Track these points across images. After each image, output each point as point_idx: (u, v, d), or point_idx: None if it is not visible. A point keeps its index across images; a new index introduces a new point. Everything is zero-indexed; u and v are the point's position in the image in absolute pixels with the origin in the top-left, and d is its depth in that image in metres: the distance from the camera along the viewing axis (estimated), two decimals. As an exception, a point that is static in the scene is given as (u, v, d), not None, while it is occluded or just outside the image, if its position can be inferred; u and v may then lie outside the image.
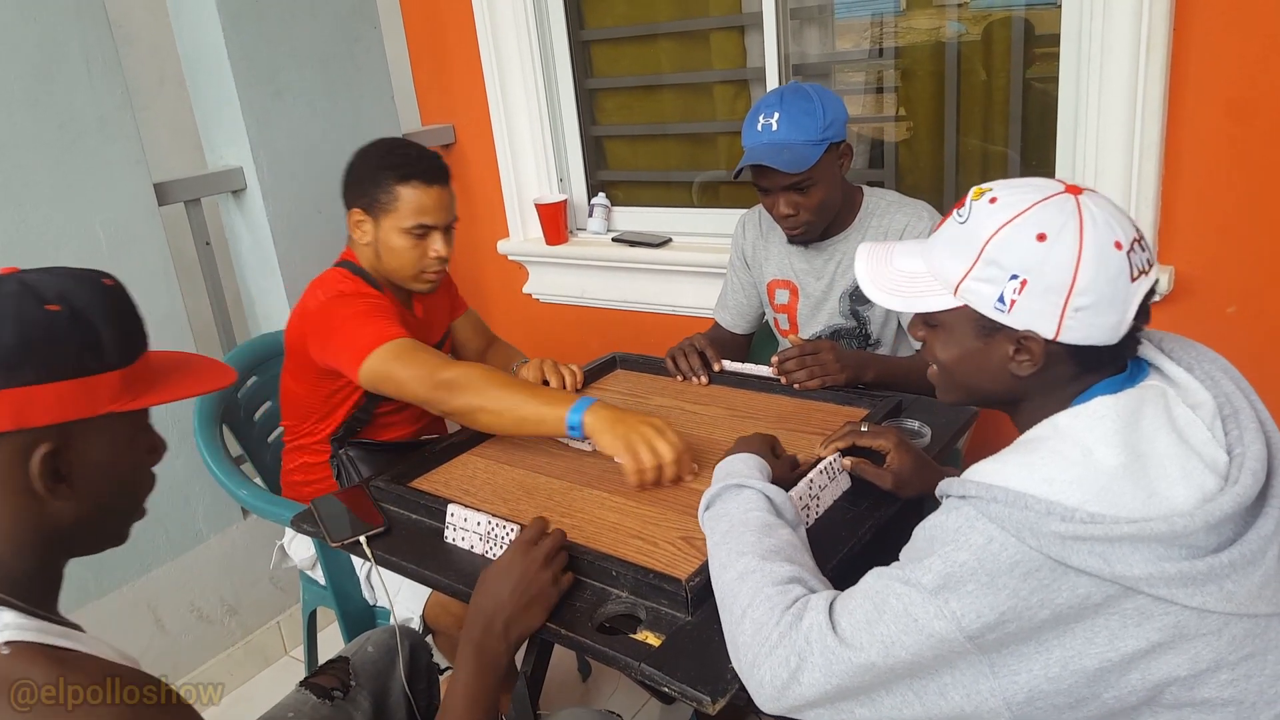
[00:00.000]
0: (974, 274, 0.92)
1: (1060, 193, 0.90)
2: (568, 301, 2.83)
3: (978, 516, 0.85)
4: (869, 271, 1.04)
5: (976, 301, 0.93)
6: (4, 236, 1.85)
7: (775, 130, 1.68)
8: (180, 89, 2.38)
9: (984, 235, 0.91)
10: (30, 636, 0.75)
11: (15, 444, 0.78)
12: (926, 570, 0.86)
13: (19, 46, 1.84)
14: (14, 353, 0.76)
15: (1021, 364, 0.93)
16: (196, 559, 2.26)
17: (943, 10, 2.23)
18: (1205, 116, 1.78)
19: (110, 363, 0.82)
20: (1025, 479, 0.85)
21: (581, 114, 2.73)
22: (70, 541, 0.85)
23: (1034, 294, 0.89)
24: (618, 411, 1.40)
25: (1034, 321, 0.90)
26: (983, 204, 0.93)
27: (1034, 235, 0.88)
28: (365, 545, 1.32)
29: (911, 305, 0.99)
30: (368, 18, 2.52)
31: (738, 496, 1.12)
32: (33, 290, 0.80)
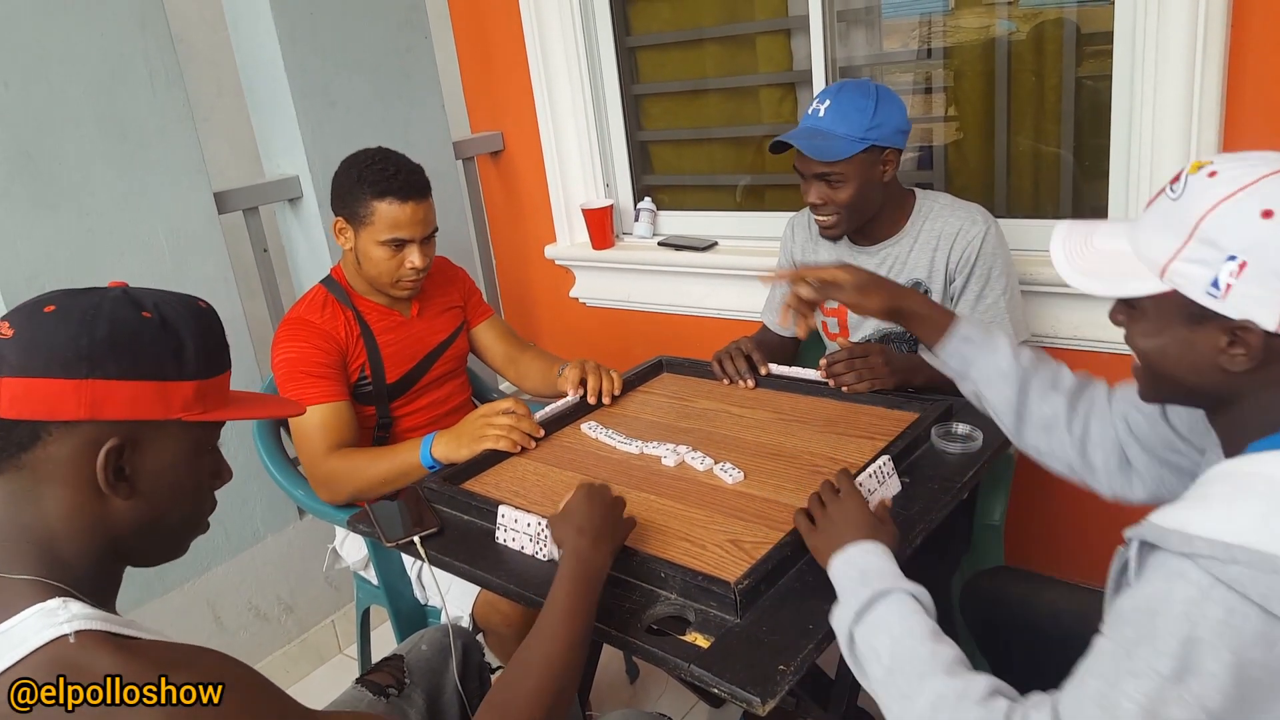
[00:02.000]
0: (1185, 254, 0.82)
1: None
2: (614, 305, 2.85)
3: (1213, 584, 0.75)
4: (1065, 252, 0.94)
5: (1186, 285, 0.83)
6: (71, 245, 1.92)
7: (820, 116, 1.71)
8: (238, 100, 2.44)
9: (1199, 211, 0.81)
10: (97, 625, 0.78)
11: (87, 435, 0.82)
12: (1160, 654, 0.75)
13: (86, 61, 1.91)
14: (101, 347, 0.81)
15: (1235, 358, 0.83)
16: (254, 558, 2.32)
17: (992, 9, 2.20)
18: (1265, 116, 1.74)
19: (188, 373, 0.86)
20: (1264, 533, 0.75)
21: (627, 119, 2.75)
22: (128, 548, 0.88)
23: (1254, 278, 0.79)
24: (453, 429, 1.63)
25: (1252, 310, 0.80)
26: (1200, 178, 0.83)
27: (1259, 211, 0.78)
28: (419, 545, 1.35)
29: (1112, 289, 0.89)
30: (419, 28, 2.56)
31: (887, 603, 1.00)
32: (132, 298, 0.86)
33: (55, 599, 0.78)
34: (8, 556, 0.82)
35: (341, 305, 1.83)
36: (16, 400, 0.80)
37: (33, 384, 0.80)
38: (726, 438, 1.59)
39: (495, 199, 3.04)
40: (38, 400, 0.80)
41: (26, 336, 0.81)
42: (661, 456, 1.52)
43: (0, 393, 0.80)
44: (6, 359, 0.80)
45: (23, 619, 0.77)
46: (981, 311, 1.77)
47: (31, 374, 0.80)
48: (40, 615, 0.77)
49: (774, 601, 1.13)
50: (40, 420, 0.81)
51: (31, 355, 0.80)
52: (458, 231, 2.75)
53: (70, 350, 0.80)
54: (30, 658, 0.74)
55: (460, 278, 2.07)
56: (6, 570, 0.81)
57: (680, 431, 1.63)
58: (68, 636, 0.75)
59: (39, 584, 0.80)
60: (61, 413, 0.80)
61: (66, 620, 0.76)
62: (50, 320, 0.82)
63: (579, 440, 1.65)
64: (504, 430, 1.58)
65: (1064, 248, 0.95)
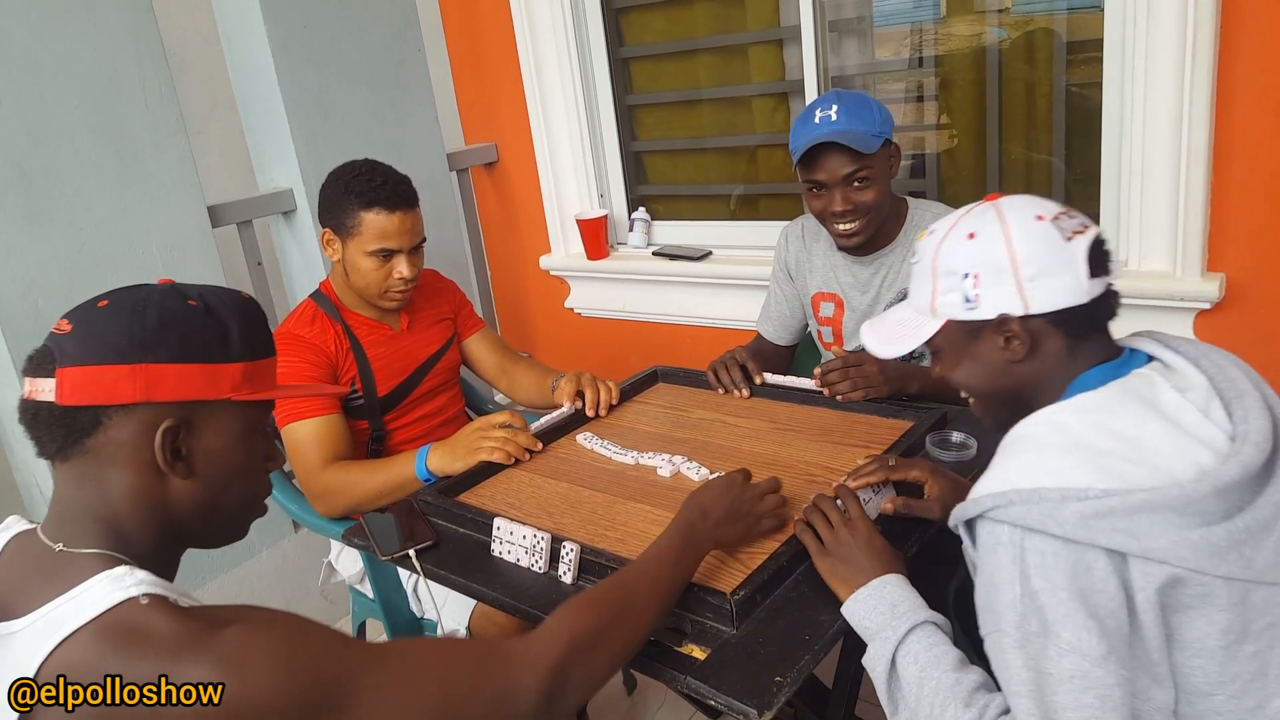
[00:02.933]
0: (939, 290, 1.03)
1: (980, 204, 1.03)
2: (609, 315, 2.85)
3: (1023, 536, 0.87)
4: (875, 336, 1.14)
5: (951, 311, 1.03)
6: (65, 259, 1.92)
7: (835, 120, 1.67)
8: (232, 113, 2.45)
9: (931, 256, 1.04)
10: (162, 591, 0.82)
11: (144, 417, 0.87)
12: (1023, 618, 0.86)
13: (79, 75, 1.91)
14: (152, 334, 0.87)
15: (1014, 349, 1.00)
16: (249, 572, 2.31)
17: (982, 17, 2.22)
18: (1254, 121, 1.75)
19: (234, 356, 0.91)
20: (1030, 476, 0.89)
21: (621, 130, 2.76)
22: (188, 528, 0.93)
23: (988, 282, 0.99)
24: (448, 440, 1.62)
25: (1002, 305, 0.98)
26: (925, 241, 1.07)
27: (965, 236, 1.01)
28: (415, 558, 1.34)
29: (911, 342, 1.08)
30: (412, 40, 2.57)
31: (915, 636, 1.03)
32: (179, 290, 0.92)
33: (122, 567, 0.83)
34: (75, 533, 0.87)
35: (330, 319, 1.82)
36: (77, 388, 0.85)
37: (90, 371, 0.85)
38: (722, 447, 1.59)
39: (489, 210, 3.05)
40: (96, 386, 0.85)
41: (83, 330, 0.86)
42: (657, 467, 1.52)
43: (62, 382, 0.85)
44: (66, 351, 0.86)
45: (92, 584, 0.81)
46: (975, 319, 1.77)
47: (88, 362, 0.85)
48: (109, 580, 0.81)
49: (770, 612, 1.13)
50: (100, 405, 0.86)
51: (88, 346, 0.86)
52: (452, 243, 2.75)
53: (123, 338, 0.86)
54: (102, 618, 0.78)
55: (450, 289, 2.07)
56: (74, 546, 0.86)
57: (676, 442, 1.63)
58: (138, 598, 0.79)
59: (105, 556, 0.85)
60: (118, 396, 0.86)
61: (134, 584, 0.81)
62: (104, 313, 0.87)
63: (574, 451, 1.65)
64: (499, 443, 1.58)
65: (872, 334, 1.15)
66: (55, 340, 0.87)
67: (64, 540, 0.86)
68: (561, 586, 1.23)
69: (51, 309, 1.89)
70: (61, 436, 0.86)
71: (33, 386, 0.87)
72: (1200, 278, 1.86)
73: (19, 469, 1.99)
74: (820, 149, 1.68)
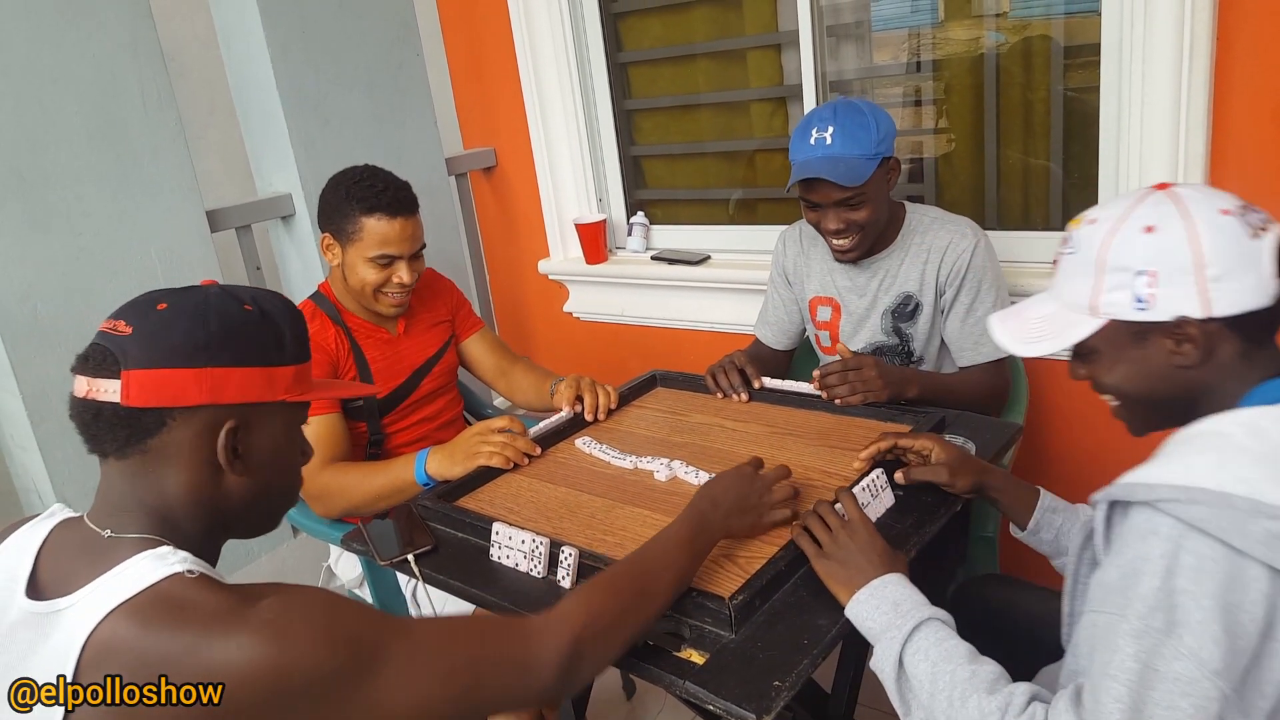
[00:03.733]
0: (1104, 286, 0.94)
1: (1151, 192, 0.94)
2: (608, 320, 2.85)
3: (1184, 533, 0.82)
4: (1008, 331, 1.05)
5: (1118, 311, 0.94)
6: (64, 264, 1.92)
7: (830, 144, 1.66)
8: (231, 118, 2.45)
9: (1097, 250, 0.94)
10: (206, 570, 0.86)
11: (206, 418, 0.90)
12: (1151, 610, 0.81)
13: (78, 81, 1.92)
14: (216, 339, 0.90)
15: (1186, 354, 0.93)
16: (248, 576, 2.31)
17: (980, 21, 2.22)
18: (1252, 126, 1.75)
19: (287, 359, 0.95)
20: (1219, 477, 0.82)
21: (620, 135, 2.76)
22: (234, 519, 0.97)
23: (1166, 281, 0.90)
24: (448, 445, 1.62)
25: (1180, 306, 0.91)
26: (1083, 228, 0.97)
27: (1142, 229, 0.91)
28: (413, 563, 1.34)
29: (1060, 341, 0.99)
30: (411, 45, 2.57)
31: (923, 632, 1.03)
32: (231, 294, 0.94)
33: (165, 546, 0.87)
34: (125, 522, 0.90)
35: (331, 320, 1.83)
36: (144, 390, 0.87)
37: (158, 374, 0.87)
38: (720, 451, 1.59)
39: (488, 215, 3.05)
40: (164, 388, 0.88)
41: (146, 332, 0.88)
42: (654, 471, 1.52)
43: (129, 383, 0.87)
44: (130, 353, 0.87)
45: (136, 560, 0.84)
46: (972, 324, 1.77)
47: (156, 365, 0.87)
48: (153, 558, 0.85)
49: (769, 616, 1.13)
50: (166, 407, 0.88)
51: (154, 349, 0.88)
52: (451, 247, 2.75)
53: (190, 342, 0.88)
54: (147, 592, 0.81)
55: (448, 289, 2.07)
56: (122, 533, 0.89)
57: (674, 446, 1.63)
58: (183, 573, 0.83)
59: (148, 539, 0.88)
60: (185, 399, 0.88)
61: (179, 561, 0.84)
62: (165, 316, 0.90)
63: (573, 455, 1.65)
64: (498, 447, 1.58)
65: (1005, 328, 1.06)
66: (115, 341, 0.88)
67: (112, 528, 0.89)
68: (560, 591, 1.23)
69: (50, 314, 1.89)
70: (124, 436, 0.89)
71: (91, 386, 0.88)
72: (1198, 282, 1.86)
73: (18, 475, 1.99)
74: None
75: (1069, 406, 2.10)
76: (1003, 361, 1.80)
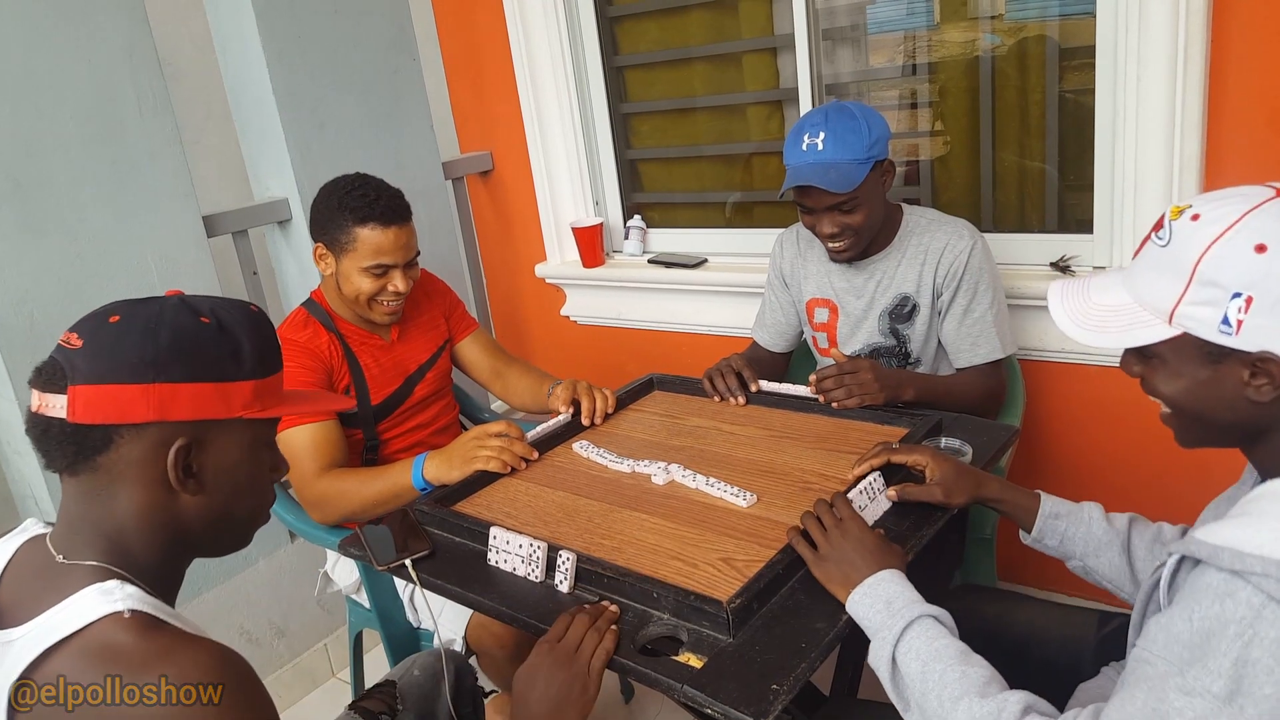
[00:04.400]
0: (1189, 298, 0.85)
1: (1271, 198, 0.83)
2: (605, 323, 2.85)
3: (1266, 603, 0.75)
4: (1067, 311, 0.97)
5: (1197, 327, 0.85)
6: (60, 270, 1.91)
7: (821, 150, 1.67)
8: (227, 123, 2.45)
9: (1193, 255, 0.84)
10: (148, 609, 0.83)
11: (156, 436, 0.87)
12: (1214, 674, 0.76)
13: (73, 86, 1.91)
14: (166, 353, 0.86)
15: (1261, 389, 0.85)
16: (245, 582, 2.30)
17: (975, 23, 2.23)
18: (1247, 128, 1.76)
19: (246, 374, 0.91)
20: None
21: (616, 138, 2.76)
22: (195, 539, 0.94)
23: (1262, 311, 0.81)
24: (445, 449, 1.62)
25: (1268, 341, 0.82)
26: (1184, 222, 0.86)
27: (1252, 247, 0.81)
28: (411, 568, 1.34)
29: (1123, 340, 0.91)
30: (407, 50, 2.58)
31: (914, 630, 1.01)
32: (190, 305, 0.91)
33: (113, 580, 0.84)
34: (78, 545, 0.88)
35: (324, 326, 1.82)
36: (90, 405, 0.85)
37: (104, 390, 0.85)
38: (718, 455, 1.59)
39: (485, 218, 3.05)
40: (109, 405, 0.85)
41: (95, 346, 0.86)
42: (652, 475, 1.52)
43: (74, 399, 0.85)
44: (78, 367, 0.85)
45: (81, 596, 0.82)
46: (969, 326, 1.78)
47: (101, 380, 0.85)
48: (99, 594, 0.82)
49: (766, 620, 1.13)
50: (113, 424, 0.85)
51: (101, 363, 0.85)
52: (448, 251, 2.75)
53: (137, 357, 0.85)
54: (85, 631, 0.79)
55: (441, 291, 2.06)
56: (75, 558, 0.87)
57: (671, 449, 1.63)
58: (122, 612, 0.80)
59: (99, 568, 0.86)
60: (132, 415, 0.85)
61: (121, 599, 0.82)
62: (116, 329, 0.87)
63: (570, 460, 1.65)
64: (495, 451, 1.58)
65: (1064, 308, 0.97)
66: (65, 355, 0.86)
67: (66, 552, 0.87)
68: (558, 595, 1.23)
69: (47, 321, 1.89)
70: (71, 453, 0.86)
71: (42, 401, 0.86)
72: (1194, 283, 1.86)
73: (15, 480, 1.98)
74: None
75: (1065, 409, 2.10)
76: (999, 363, 1.80)
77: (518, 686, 1.08)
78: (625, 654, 1.11)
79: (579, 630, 1.09)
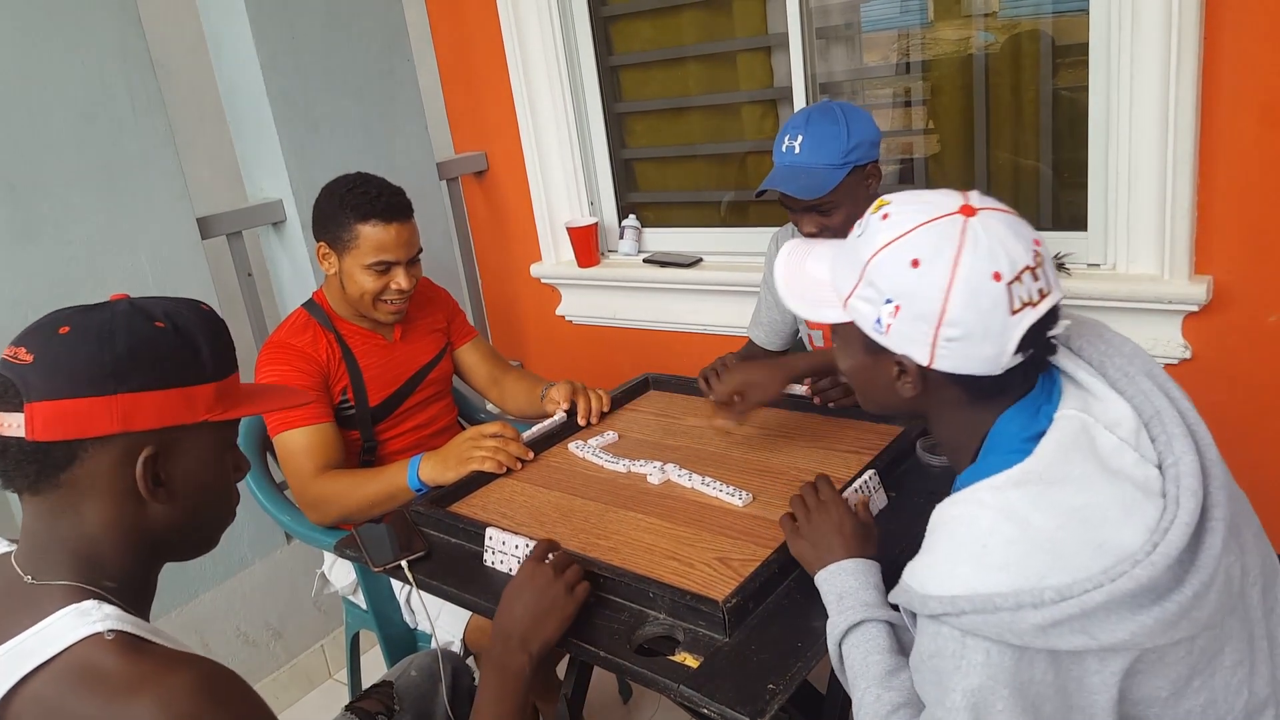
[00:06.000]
0: (858, 293, 0.92)
1: (951, 214, 0.87)
2: (600, 323, 2.85)
3: (963, 636, 0.83)
4: (784, 272, 1.03)
5: (860, 320, 0.93)
6: (54, 273, 1.91)
7: (797, 153, 1.67)
8: (220, 124, 2.44)
9: (866, 255, 0.90)
10: (129, 628, 0.82)
11: (121, 447, 0.85)
12: (953, 709, 0.83)
13: (66, 88, 1.91)
14: (124, 362, 0.84)
15: (905, 385, 0.93)
16: (241, 584, 2.30)
17: (969, 21, 2.23)
18: (1240, 124, 1.76)
19: (207, 376, 0.89)
20: (981, 576, 0.82)
21: (611, 138, 2.76)
22: (165, 546, 0.93)
23: (906, 320, 0.88)
24: (440, 450, 1.62)
25: (908, 347, 0.89)
26: (877, 218, 0.91)
27: (909, 261, 0.86)
28: (407, 569, 1.34)
29: (811, 314, 0.99)
30: (401, 51, 2.57)
31: (854, 636, 1.04)
32: (142, 310, 0.88)
33: (90, 601, 0.82)
34: (47, 565, 0.86)
35: (323, 328, 1.82)
36: (50, 423, 0.82)
37: (63, 405, 0.82)
38: (713, 454, 1.59)
39: (480, 219, 3.05)
40: (70, 420, 0.82)
41: (48, 360, 0.82)
42: (648, 474, 1.52)
43: (33, 417, 0.82)
44: (32, 384, 0.82)
45: (57, 618, 0.80)
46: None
47: (60, 395, 0.82)
48: (76, 615, 0.81)
49: (762, 619, 1.13)
50: (75, 439, 0.83)
51: (56, 378, 0.82)
52: (443, 252, 2.75)
53: (94, 368, 0.82)
54: (64, 654, 0.78)
55: (443, 298, 2.07)
56: (45, 578, 0.85)
57: (667, 449, 1.63)
58: (103, 634, 0.79)
59: (74, 588, 0.84)
60: (95, 429, 0.83)
61: (100, 620, 0.80)
62: (68, 340, 0.83)
63: (566, 460, 1.65)
64: (491, 452, 1.58)
65: (784, 267, 1.04)
66: (16, 371, 0.82)
67: (34, 572, 0.85)
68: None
69: (40, 322, 1.89)
70: (34, 472, 0.84)
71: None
72: (1188, 280, 1.86)
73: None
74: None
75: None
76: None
77: (505, 598, 1.14)
78: (622, 654, 1.11)
79: (563, 558, 1.18)
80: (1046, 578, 0.80)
